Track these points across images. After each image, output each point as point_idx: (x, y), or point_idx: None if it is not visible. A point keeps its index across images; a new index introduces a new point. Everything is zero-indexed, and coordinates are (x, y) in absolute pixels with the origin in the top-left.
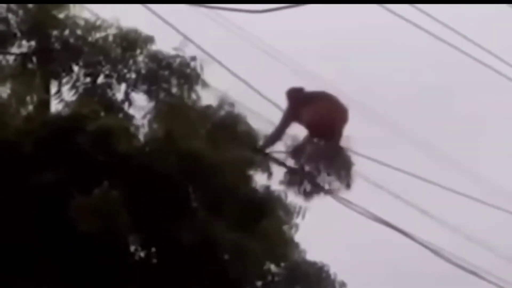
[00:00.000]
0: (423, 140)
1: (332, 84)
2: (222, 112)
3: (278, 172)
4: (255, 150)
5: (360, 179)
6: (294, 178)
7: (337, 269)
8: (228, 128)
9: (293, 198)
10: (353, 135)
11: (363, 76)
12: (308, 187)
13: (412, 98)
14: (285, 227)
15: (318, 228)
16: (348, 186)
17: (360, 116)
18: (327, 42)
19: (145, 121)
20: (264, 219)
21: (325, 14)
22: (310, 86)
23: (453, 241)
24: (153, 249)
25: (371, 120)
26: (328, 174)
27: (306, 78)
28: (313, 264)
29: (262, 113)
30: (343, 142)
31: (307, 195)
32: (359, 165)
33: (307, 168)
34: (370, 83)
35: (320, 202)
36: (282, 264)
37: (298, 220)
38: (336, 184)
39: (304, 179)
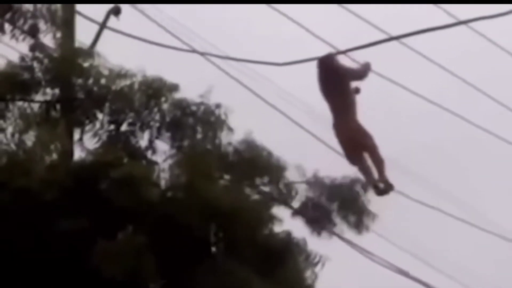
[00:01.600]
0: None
1: None
2: (243, 146)
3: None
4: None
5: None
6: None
7: None
8: (248, 161)
9: (313, 246)
10: None
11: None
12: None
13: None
14: (305, 275)
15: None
16: (360, 231)
17: None
18: None
19: (167, 166)
20: (284, 266)
21: None
22: None
23: None
24: None
25: None
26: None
27: None
28: None
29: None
30: None
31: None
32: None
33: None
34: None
35: (339, 250)
36: None
37: (317, 268)
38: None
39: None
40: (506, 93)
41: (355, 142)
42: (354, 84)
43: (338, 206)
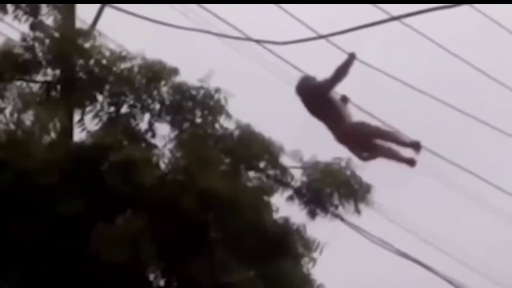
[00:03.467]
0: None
1: None
2: (239, 132)
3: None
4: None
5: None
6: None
7: None
8: (246, 145)
9: (312, 232)
10: None
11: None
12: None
13: None
14: (303, 261)
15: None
16: (358, 212)
17: None
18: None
19: (167, 150)
20: (283, 252)
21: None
22: None
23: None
24: (174, 278)
25: None
26: (342, 197)
27: None
28: None
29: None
30: None
31: (312, 215)
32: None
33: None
34: None
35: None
36: None
37: (316, 254)
38: (346, 208)
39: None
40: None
41: (358, 137)
42: (339, 93)
43: (334, 188)
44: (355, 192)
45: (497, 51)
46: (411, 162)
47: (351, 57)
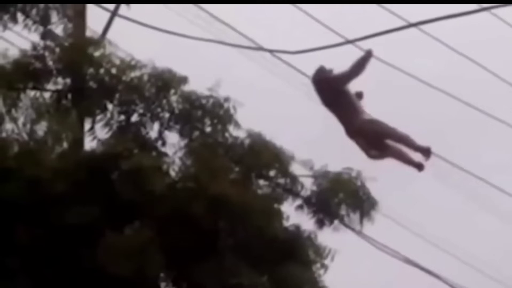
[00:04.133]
0: None
1: None
2: (250, 141)
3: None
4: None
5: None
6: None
7: None
8: (256, 154)
9: (323, 239)
10: None
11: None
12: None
13: None
14: (314, 268)
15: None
16: (362, 224)
17: None
18: None
19: (177, 158)
20: (293, 259)
21: None
22: None
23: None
24: (184, 285)
25: None
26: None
27: None
28: None
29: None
30: None
31: (320, 224)
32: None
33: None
34: None
35: (348, 242)
36: None
37: (327, 261)
38: (352, 219)
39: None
40: None
41: (369, 134)
42: (355, 88)
43: (342, 198)
44: (362, 204)
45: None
46: (419, 166)
47: (368, 54)
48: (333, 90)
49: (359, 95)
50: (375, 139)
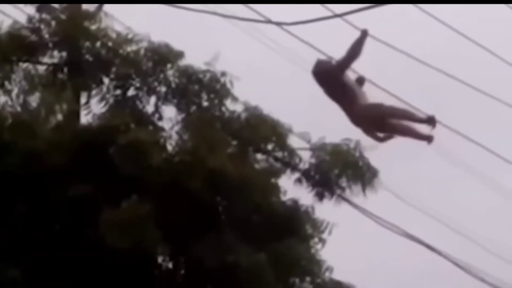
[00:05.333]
0: None
1: None
2: (247, 115)
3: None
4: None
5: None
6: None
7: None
8: (253, 128)
9: (320, 212)
10: None
11: None
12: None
13: None
14: (311, 242)
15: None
16: (365, 195)
17: None
18: None
19: (174, 132)
20: (291, 234)
21: None
22: None
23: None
24: (182, 260)
25: None
26: (349, 178)
27: None
28: (338, 284)
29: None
30: None
31: (319, 197)
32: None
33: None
34: None
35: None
36: (308, 279)
37: (325, 235)
38: (354, 190)
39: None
40: None
41: (372, 119)
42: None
43: (342, 170)
44: (362, 174)
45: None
46: (428, 139)
47: (363, 34)
48: (333, 81)
49: (360, 80)
50: (378, 122)
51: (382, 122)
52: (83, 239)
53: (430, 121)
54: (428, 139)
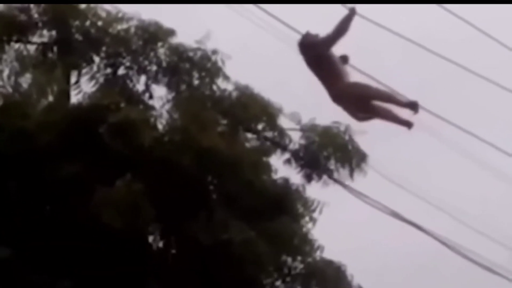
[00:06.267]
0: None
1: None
2: (237, 94)
3: None
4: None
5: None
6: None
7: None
8: (244, 107)
9: (311, 192)
10: None
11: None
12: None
13: None
14: (302, 221)
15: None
16: (352, 175)
17: None
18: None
19: (164, 111)
20: (282, 213)
21: None
22: None
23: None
24: (173, 239)
25: None
26: (338, 161)
27: None
28: (329, 263)
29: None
30: None
31: (308, 178)
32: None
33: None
34: None
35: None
36: (299, 258)
37: (315, 214)
38: (341, 173)
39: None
40: None
41: (354, 98)
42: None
43: (331, 152)
44: (351, 157)
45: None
46: (408, 124)
47: (352, 13)
48: (317, 55)
49: (344, 58)
50: (360, 101)
51: (364, 102)
52: (74, 218)
53: (413, 106)
54: (408, 124)
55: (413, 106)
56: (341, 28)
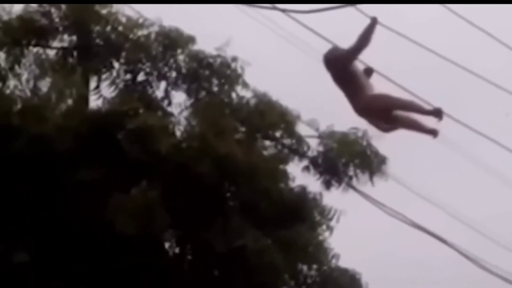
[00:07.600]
0: None
1: None
2: (255, 101)
3: None
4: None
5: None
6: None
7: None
8: (262, 114)
9: (328, 200)
10: None
11: None
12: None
13: None
14: (319, 229)
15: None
16: (372, 183)
17: None
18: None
19: (182, 117)
20: (299, 220)
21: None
22: None
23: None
24: (188, 246)
25: None
26: (357, 168)
27: None
28: (345, 272)
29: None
30: None
31: (327, 185)
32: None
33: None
34: None
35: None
36: (314, 266)
37: (332, 222)
38: (361, 179)
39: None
40: None
41: (377, 110)
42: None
43: (349, 159)
44: (370, 163)
45: None
46: (433, 132)
47: (373, 23)
48: (341, 68)
49: (368, 71)
50: (383, 113)
51: (387, 113)
52: (91, 224)
53: (437, 113)
54: (433, 133)
55: (437, 113)
56: (363, 40)
